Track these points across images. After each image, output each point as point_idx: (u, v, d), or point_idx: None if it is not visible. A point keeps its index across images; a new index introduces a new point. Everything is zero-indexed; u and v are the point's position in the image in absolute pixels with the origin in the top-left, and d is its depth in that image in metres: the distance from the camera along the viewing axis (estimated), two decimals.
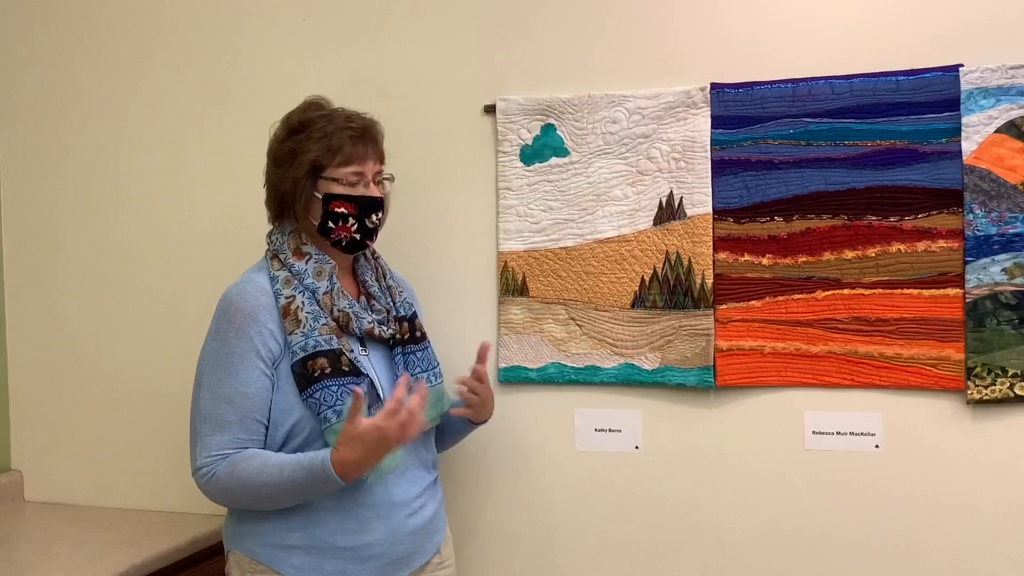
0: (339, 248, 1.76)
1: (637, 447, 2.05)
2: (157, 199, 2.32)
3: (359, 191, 1.74)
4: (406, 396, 1.59)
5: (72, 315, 2.39)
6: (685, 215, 1.99)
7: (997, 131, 1.83)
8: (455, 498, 2.10)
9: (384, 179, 1.81)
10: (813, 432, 1.95)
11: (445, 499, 1.91)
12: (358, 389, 1.58)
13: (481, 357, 1.84)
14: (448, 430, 1.94)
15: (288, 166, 1.73)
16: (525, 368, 2.08)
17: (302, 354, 1.66)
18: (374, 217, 1.76)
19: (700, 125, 1.97)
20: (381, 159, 1.81)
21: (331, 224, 1.73)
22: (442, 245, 2.14)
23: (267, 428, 1.68)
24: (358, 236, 1.75)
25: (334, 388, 1.65)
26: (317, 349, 1.66)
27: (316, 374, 1.65)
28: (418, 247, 2.13)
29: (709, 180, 1.97)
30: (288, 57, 2.22)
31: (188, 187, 2.29)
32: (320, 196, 1.72)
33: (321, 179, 1.73)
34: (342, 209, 1.73)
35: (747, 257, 1.97)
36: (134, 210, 2.33)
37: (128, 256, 2.34)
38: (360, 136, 1.75)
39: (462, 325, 2.11)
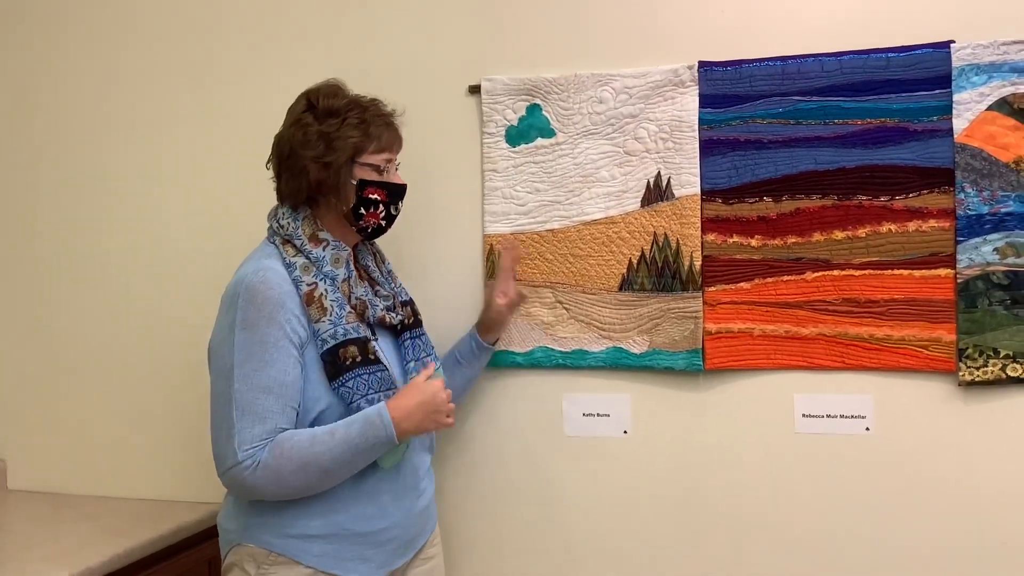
0: (363, 234, 1.75)
1: (626, 432, 2.03)
2: (140, 186, 2.29)
3: (388, 178, 1.74)
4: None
5: (56, 304, 2.36)
6: (673, 196, 1.96)
7: (989, 109, 1.81)
8: (444, 483, 2.08)
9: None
10: (803, 415, 1.93)
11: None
12: (432, 363, 1.73)
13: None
14: (466, 362, 1.98)
15: (323, 151, 1.68)
16: (512, 352, 2.06)
17: (332, 342, 1.63)
18: (399, 204, 1.77)
19: (688, 104, 1.94)
20: (400, 146, 1.80)
21: (363, 210, 1.71)
22: (427, 228, 2.11)
23: (299, 415, 1.64)
24: (384, 223, 1.75)
25: (365, 377, 1.64)
26: (347, 337, 1.64)
27: (348, 363, 1.63)
28: (403, 230, 2.08)
29: (697, 160, 1.94)
30: (270, 40, 2.19)
31: (171, 176, 2.27)
32: (355, 182, 1.70)
33: (356, 165, 1.70)
34: (375, 196, 1.71)
35: (736, 238, 1.94)
36: (118, 199, 2.31)
37: (112, 245, 2.31)
38: (389, 123, 1.76)
39: (448, 309, 2.08)
